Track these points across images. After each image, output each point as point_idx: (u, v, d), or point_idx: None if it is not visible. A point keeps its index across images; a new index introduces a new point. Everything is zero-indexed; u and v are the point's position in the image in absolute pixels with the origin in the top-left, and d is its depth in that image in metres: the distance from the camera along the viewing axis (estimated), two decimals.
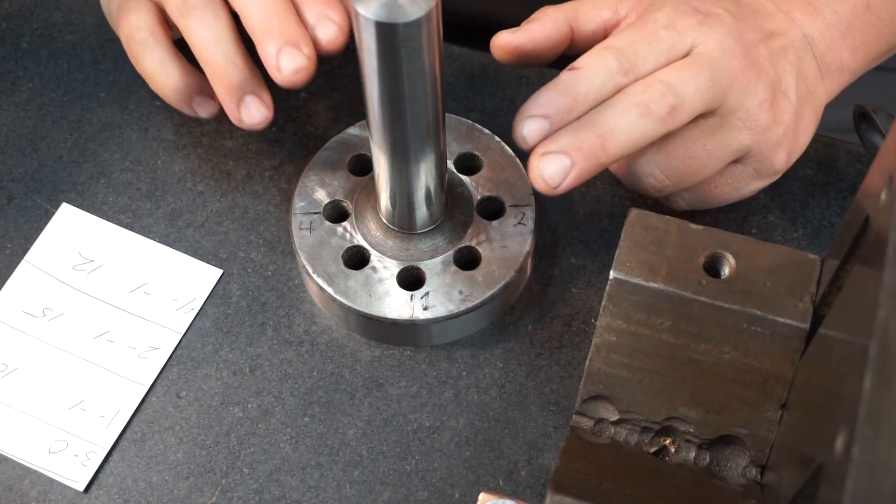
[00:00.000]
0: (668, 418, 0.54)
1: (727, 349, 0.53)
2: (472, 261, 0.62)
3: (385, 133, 0.54)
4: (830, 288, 0.50)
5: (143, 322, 0.63)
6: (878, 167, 0.44)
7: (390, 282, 0.61)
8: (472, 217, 0.62)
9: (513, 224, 0.62)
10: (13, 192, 0.68)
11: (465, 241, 0.62)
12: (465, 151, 0.65)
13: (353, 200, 0.63)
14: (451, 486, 0.59)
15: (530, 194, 0.63)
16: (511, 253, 0.61)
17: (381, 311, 0.60)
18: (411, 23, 0.48)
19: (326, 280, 0.61)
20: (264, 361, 0.62)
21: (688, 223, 0.54)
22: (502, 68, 0.71)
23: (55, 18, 0.73)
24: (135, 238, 0.66)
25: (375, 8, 0.48)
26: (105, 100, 0.70)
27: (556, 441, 0.60)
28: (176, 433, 0.60)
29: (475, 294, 0.60)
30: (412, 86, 0.51)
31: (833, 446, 0.37)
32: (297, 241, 0.62)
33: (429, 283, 0.61)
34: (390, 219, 0.61)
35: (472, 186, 0.63)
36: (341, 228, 0.62)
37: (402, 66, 0.50)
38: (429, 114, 0.54)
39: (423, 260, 0.61)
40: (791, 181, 0.67)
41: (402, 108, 0.52)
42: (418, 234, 0.61)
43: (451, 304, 0.60)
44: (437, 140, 0.56)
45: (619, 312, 0.54)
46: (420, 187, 0.58)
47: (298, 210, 0.63)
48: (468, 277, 0.61)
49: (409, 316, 0.60)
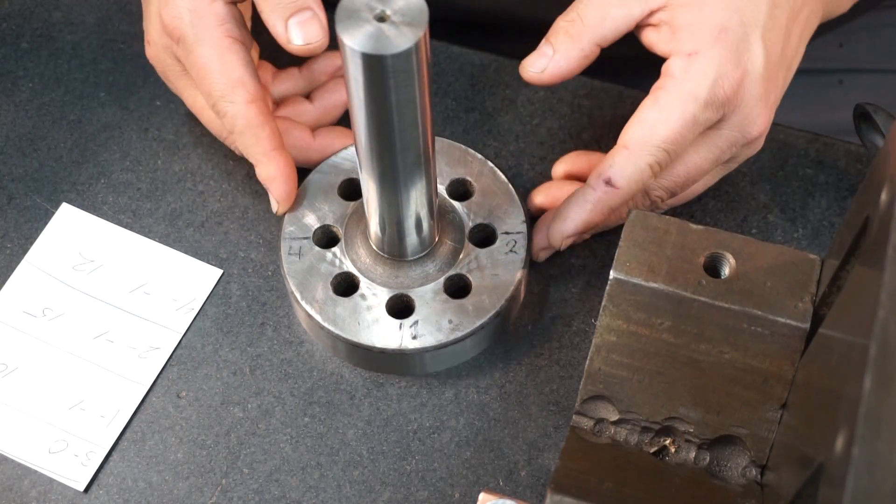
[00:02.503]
0: (668, 418, 0.54)
1: (727, 349, 0.53)
2: (463, 288, 0.61)
3: (374, 162, 0.53)
4: (830, 288, 0.50)
5: (143, 322, 0.63)
6: (878, 167, 0.44)
7: (379, 309, 0.60)
8: (463, 244, 0.61)
9: (504, 252, 0.61)
10: (13, 192, 0.68)
11: (455, 268, 0.61)
12: (458, 177, 0.63)
13: (344, 226, 0.62)
14: (451, 486, 0.59)
15: (522, 222, 0.62)
16: (502, 281, 0.60)
17: (369, 340, 0.59)
18: (399, 54, 0.47)
19: (315, 307, 0.60)
20: (264, 361, 0.62)
21: (688, 223, 0.54)
22: (502, 68, 0.71)
23: (55, 18, 0.73)
24: (135, 238, 0.66)
25: (362, 39, 0.46)
26: (105, 100, 0.70)
27: (556, 441, 0.60)
28: (176, 433, 0.60)
29: (465, 323, 0.59)
30: (401, 116, 0.50)
31: (833, 446, 0.37)
32: (286, 266, 0.61)
33: (418, 312, 0.60)
34: (380, 245, 0.60)
35: (464, 213, 0.62)
36: (331, 254, 0.61)
37: (390, 97, 0.49)
38: (418, 142, 0.52)
39: (412, 287, 0.60)
40: (791, 181, 0.67)
41: (391, 138, 0.51)
42: (408, 260, 0.60)
43: (440, 333, 0.59)
44: (427, 168, 0.55)
45: (619, 312, 0.54)
46: (410, 215, 0.57)
47: (288, 235, 0.62)
48: (458, 306, 0.60)
49: (398, 345, 0.59)
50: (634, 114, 0.57)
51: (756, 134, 0.58)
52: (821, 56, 0.77)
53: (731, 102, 0.56)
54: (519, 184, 0.67)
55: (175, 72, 0.63)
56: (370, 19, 0.47)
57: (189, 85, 0.63)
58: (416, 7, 0.47)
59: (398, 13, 0.47)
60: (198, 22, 0.59)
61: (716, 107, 0.56)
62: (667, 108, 0.56)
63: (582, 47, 0.58)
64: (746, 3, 0.56)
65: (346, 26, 0.47)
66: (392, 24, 0.47)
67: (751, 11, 0.56)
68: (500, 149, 0.68)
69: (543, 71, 0.59)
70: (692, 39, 0.56)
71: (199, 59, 0.59)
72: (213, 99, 0.60)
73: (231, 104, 0.59)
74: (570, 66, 0.59)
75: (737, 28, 0.56)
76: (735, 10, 0.56)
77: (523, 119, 0.69)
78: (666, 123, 0.56)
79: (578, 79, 0.69)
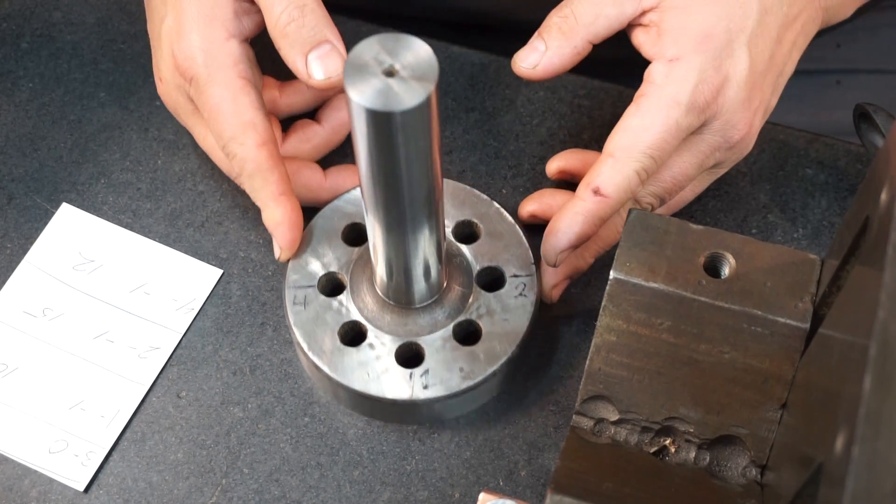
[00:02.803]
0: (668, 418, 0.54)
1: (727, 349, 0.53)
2: (473, 334, 0.59)
3: (381, 213, 0.52)
4: (830, 288, 0.50)
5: (143, 322, 0.63)
6: (878, 167, 0.44)
7: (388, 359, 0.58)
8: (471, 288, 0.60)
9: (514, 295, 0.60)
10: (13, 192, 0.68)
11: (464, 314, 0.59)
12: (463, 219, 0.62)
13: (349, 272, 0.60)
14: (451, 486, 0.59)
15: (531, 263, 0.61)
16: (513, 326, 0.59)
17: (379, 391, 0.58)
18: (408, 111, 0.45)
19: (323, 358, 0.58)
20: (264, 361, 0.62)
21: (688, 223, 0.54)
22: (502, 68, 0.71)
23: (55, 18, 0.73)
24: (135, 238, 0.66)
25: (370, 94, 0.45)
26: (105, 100, 0.70)
27: (556, 441, 0.60)
28: (176, 433, 0.60)
29: (476, 371, 0.58)
30: (409, 169, 0.49)
31: (833, 446, 0.37)
32: (291, 316, 0.60)
33: (428, 360, 0.58)
34: (387, 293, 0.59)
35: (471, 256, 0.61)
36: (336, 302, 0.60)
37: (398, 152, 0.47)
38: (427, 193, 0.51)
39: (421, 335, 0.59)
40: (791, 181, 0.67)
41: (399, 191, 0.50)
42: (417, 308, 0.59)
43: (451, 381, 0.58)
44: (436, 216, 0.53)
45: (619, 312, 0.53)
46: (418, 263, 0.55)
47: (292, 283, 0.60)
48: (469, 353, 0.58)
49: (409, 395, 0.57)
50: (619, 122, 0.57)
51: (738, 138, 0.58)
52: (818, 56, 0.77)
53: (711, 108, 0.56)
54: (519, 183, 0.67)
55: (186, 110, 0.63)
56: (378, 73, 0.45)
57: (199, 123, 0.63)
58: (426, 61, 0.45)
59: (407, 67, 0.45)
60: (211, 62, 0.59)
61: (697, 112, 0.56)
62: (650, 115, 0.56)
63: (575, 45, 0.58)
64: (735, 10, 0.56)
65: (354, 80, 0.45)
66: (401, 80, 0.45)
67: (739, 18, 0.56)
68: (500, 149, 0.68)
69: (535, 67, 0.58)
70: (675, 45, 0.56)
71: (210, 99, 0.59)
72: (224, 140, 0.59)
73: (241, 146, 0.58)
74: (563, 63, 0.58)
75: (721, 35, 0.56)
76: (722, 17, 0.56)
77: (523, 119, 0.69)
78: (650, 130, 0.56)
79: (578, 79, 0.69)
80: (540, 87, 0.70)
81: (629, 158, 0.56)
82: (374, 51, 0.46)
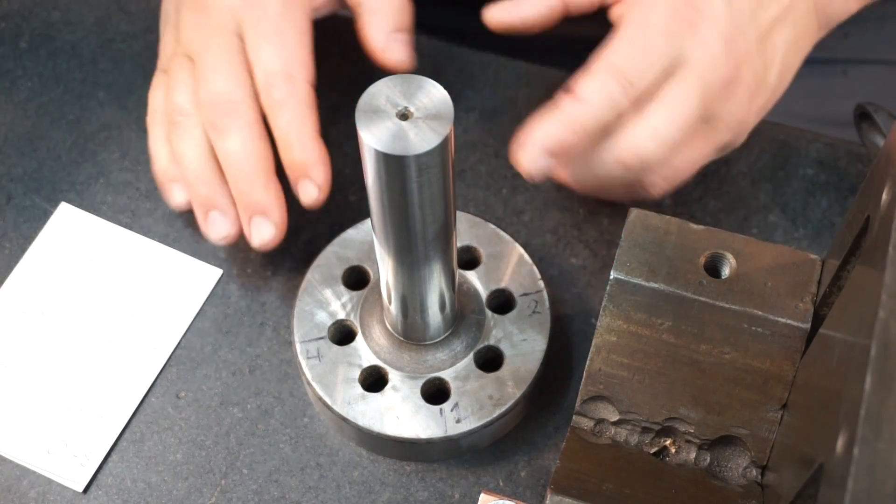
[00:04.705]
0: (668, 419, 0.54)
1: (728, 349, 0.53)
2: (494, 360, 0.59)
3: (393, 252, 0.51)
4: (831, 288, 0.50)
5: (143, 322, 0.63)
6: (879, 167, 0.44)
7: (415, 399, 0.57)
8: (484, 314, 0.59)
9: (528, 314, 0.59)
10: (12, 191, 0.67)
11: (482, 341, 0.59)
12: (464, 245, 0.61)
13: (357, 317, 0.59)
14: (451, 486, 0.59)
15: (538, 280, 0.60)
16: (532, 346, 0.58)
17: (413, 433, 0.56)
18: (422, 155, 0.44)
19: (347, 410, 0.57)
20: (264, 361, 0.62)
21: (688, 223, 0.54)
22: (502, 68, 0.71)
23: (54, 18, 0.73)
24: (134, 238, 0.66)
25: (383, 138, 0.44)
26: (104, 99, 0.70)
27: (556, 441, 0.60)
28: (175, 433, 0.60)
29: (506, 396, 0.57)
30: (423, 211, 0.48)
31: (834, 447, 0.37)
32: (307, 372, 0.58)
33: (455, 393, 0.57)
34: (402, 332, 0.57)
35: (477, 281, 0.60)
36: (351, 349, 0.59)
37: (412, 195, 0.46)
38: (442, 230, 0.50)
39: (443, 369, 0.58)
40: (792, 181, 0.67)
41: (413, 230, 0.49)
42: (434, 343, 0.58)
43: (483, 410, 0.57)
44: (450, 252, 0.52)
45: (619, 312, 0.53)
46: (434, 299, 0.54)
47: (302, 338, 0.59)
48: (495, 379, 0.58)
49: (444, 433, 0.56)
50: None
51: (723, 76, 0.56)
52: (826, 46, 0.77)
53: (687, 34, 0.56)
54: (519, 183, 0.67)
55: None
56: (392, 116, 0.44)
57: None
58: (441, 103, 0.45)
59: (422, 110, 0.44)
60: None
61: (673, 37, 0.56)
62: (626, 36, 0.56)
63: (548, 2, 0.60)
64: None
65: (366, 123, 0.44)
66: (415, 123, 0.44)
67: None
68: (500, 149, 0.68)
69: (506, 13, 0.60)
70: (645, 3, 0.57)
71: (279, 22, 0.60)
72: (276, 66, 0.59)
73: (290, 79, 0.59)
74: (533, 11, 0.60)
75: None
76: None
77: (523, 119, 0.69)
78: (626, 44, 0.56)
79: None
80: (540, 86, 0.70)
81: (604, 68, 0.56)
82: (388, 92, 0.45)
